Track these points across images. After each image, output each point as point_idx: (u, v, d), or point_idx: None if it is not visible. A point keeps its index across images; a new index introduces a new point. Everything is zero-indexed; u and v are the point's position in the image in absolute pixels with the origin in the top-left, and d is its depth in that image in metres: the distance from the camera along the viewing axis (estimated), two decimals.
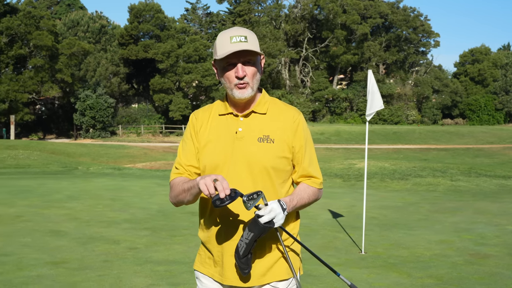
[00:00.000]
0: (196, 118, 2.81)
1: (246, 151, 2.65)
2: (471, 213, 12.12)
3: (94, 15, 75.47)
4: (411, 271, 7.32)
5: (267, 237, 2.63)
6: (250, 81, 2.64)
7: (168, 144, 51.51)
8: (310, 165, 2.75)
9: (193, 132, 2.78)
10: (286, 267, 2.71)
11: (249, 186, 2.61)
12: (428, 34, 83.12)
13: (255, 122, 2.71)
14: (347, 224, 10.74)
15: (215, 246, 2.71)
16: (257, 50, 2.63)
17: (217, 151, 2.69)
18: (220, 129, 2.73)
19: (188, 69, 63.73)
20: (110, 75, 66.11)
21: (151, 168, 28.27)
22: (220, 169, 2.64)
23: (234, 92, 2.64)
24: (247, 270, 2.58)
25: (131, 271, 7.11)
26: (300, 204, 2.68)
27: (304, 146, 2.73)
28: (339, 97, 76.05)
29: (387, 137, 57.60)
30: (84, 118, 58.25)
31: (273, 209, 2.49)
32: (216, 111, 2.79)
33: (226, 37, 2.63)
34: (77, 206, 12.37)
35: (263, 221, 2.48)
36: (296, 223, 2.80)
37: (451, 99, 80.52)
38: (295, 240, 2.72)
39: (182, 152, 2.80)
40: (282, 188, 2.71)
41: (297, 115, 2.76)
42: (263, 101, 2.76)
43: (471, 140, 57.36)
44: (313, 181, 2.76)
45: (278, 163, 2.67)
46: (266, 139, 2.67)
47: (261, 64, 2.74)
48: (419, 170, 19.92)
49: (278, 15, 75.66)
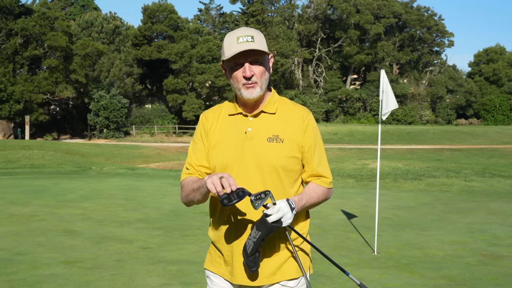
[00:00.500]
0: (206, 118, 2.83)
1: (256, 151, 2.66)
2: (484, 213, 12.06)
3: (108, 16, 75.92)
4: (423, 272, 7.29)
5: (276, 236, 2.64)
6: (259, 80, 2.64)
7: (181, 144, 51.64)
8: (319, 165, 2.75)
9: (203, 132, 2.80)
10: (296, 266, 2.72)
11: (258, 186, 2.62)
12: (442, 33, 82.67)
13: (264, 122, 2.72)
14: (360, 224, 10.72)
15: (225, 246, 2.72)
16: (264, 49, 2.63)
17: (227, 151, 2.70)
18: (230, 129, 2.74)
19: (201, 69, 63.83)
20: (123, 76, 66.39)
21: (164, 168, 28.37)
22: (230, 169, 2.65)
23: (242, 92, 2.65)
24: (254, 268, 2.59)
25: (144, 270, 7.15)
26: (309, 203, 2.68)
27: (313, 145, 2.73)
28: (352, 97, 75.85)
29: (400, 137, 57.38)
30: (98, 118, 58.52)
31: (281, 208, 2.50)
32: (226, 111, 2.80)
33: (233, 37, 2.63)
34: (90, 206, 12.45)
35: (271, 220, 2.48)
36: (305, 223, 2.81)
37: (465, 99, 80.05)
38: (304, 239, 2.72)
39: (193, 152, 2.82)
40: (291, 188, 2.72)
41: (307, 114, 2.76)
42: (273, 100, 2.77)
43: (485, 140, 56.98)
44: (323, 181, 2.76)
45: (288, 162, 2.67)
46: (275, 139, 2.67)
47: (270, 64, 2.75)
48: (432, 171, 19.83)
49: (291, 15, 75.60)
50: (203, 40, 66.18)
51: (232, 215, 2.69)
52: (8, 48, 55.55)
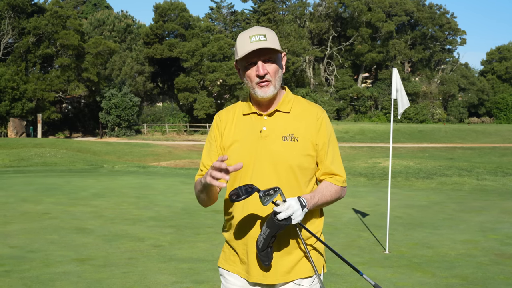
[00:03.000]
0: (220, 119, 2.84)
1: (271, 150, 2.67)
2: (497, 212, 11.98)
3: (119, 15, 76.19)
4: (435, 271, 7.26)
5: (291, 234, 2.65)
6: (272, 79, 2.65)
7: (192, 143, 51.71)
8: (333, 163, 2.75)
9: (217, 133, 2.81)
10: (310, 264, 2.72)
11: (273, 184, 2.62)
12: (455, 31, 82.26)
13: (279, 121, 2.72)
14: (371, 223, 10.69)
15: (239, 244, 2.73)
16: (277, 47, 2.64)
17: (242, 151, 2.71)
18: (245, 128, 2.75)
19: (213, 67, 63.88)
20: (135, 74, 66.61)
21: (176, 167, 28.42)
22: (245, 169, 2.65)
23: (256, 91, 2.66)
24: (267, 262, 2.60)
25: (156, 268, 7.17)
26: (322, 201, 2.68)
27: (327, 143, 2.74)
28: (363, 95, 75.66)
29: (412, 135, 57.16)
30: (110, 116, 58.74)
31: (291, 206, 2.49)
32: (240, 111, 2.81)
33: (245, 37, 2.65)
34: (102, 204, 12.51)
35: (281, 217, 2.48)
36: (320, 221, 2.80)
37: (477, 98, 79.62)
38: (317, 238, 2.72)
39: (207, 153, 2.84)
40: (306, 186, 2.72)
41: (321, 112, 2.77)
42: (287, 99, 2.77)
43: (498, 139, 56.63)
44: (336, 179, 2.75)
45: (303, 161, 2.68)
46: (290, 137, 2.68)
47: (283, 62, 2.75)
48: (444, 169, 19.73)
49: (302, 13, 75.50)
50: (214, 39, 66.22)
51: (245, 213, 2.69)
52: (21, 46, 55.88)
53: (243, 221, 2.71)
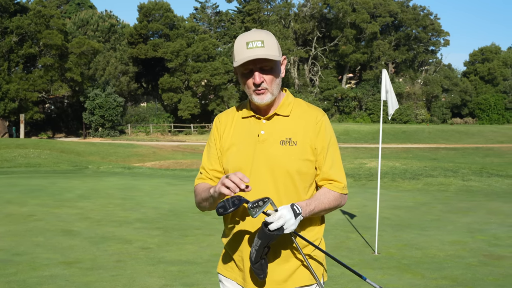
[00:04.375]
0: (219, 121, 2.78)
1: (268, 154, 2.60)
2: (483, 213, 12.04)
3: (103, 14, 75.69)
4: (425, 272, 7.27)
5: (287, 243, 2.59)
6: (269, 86, 2.58)
7: (177, 143, 51.56)
8: (332, 168, 2.67)
9: (217, 136, 2.76)
10: (309, 273, 2.66)
11: (271, 190, 2.56)
12: (438, 33, 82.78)
13: (277, 125, 2.66)
14: (360, 224, 10.69)
15: (236, 251, 2.68)
16: (274, 55, 2.55)
17: (240, 155, 2.65)
18: (243, 132, 2.69)
19: (197, 68, 63.73)
20: (119, 74, 66.23)
21: (161, 167, 28.30)
22: (243, 173, 2.59)
23: (253, 97, 2.60)
24: (262, 276, 2.53)
25: (144, 271, 7.10)
26: (319, 209, 2.59)
27: (326, 148, 2.66)
28: (348, 96, 75.91)
29: (396, 136, 57.43)
30: (93, 117, 58.41)
31: (283, 215, 2.40)
32: (239, 114, 2.75)
33: (242, 42, 2.55)
34: (88, 206, 12.39)
35: (272, 228, 2.39)
36: (320, 228, 2.73)
37: (460, 98, 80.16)
38: (315, 246, 2.63)
39: (206, 156, 2.78)
40: (306, 193, 2.64)
41: (321, 116, 2.69)
42: (287, 103, 2.71)
43: (480, 140, 57.07)
44: (335, 185, 2.67)
45: (302, 166, 2.60)
46: (288, 141, 2.61)
47: (282, 66, 2.67)
48: (430, 170, 19.82)
49: (287, 14, 75.56)
50: (199, 39, 66.05)
51: (243, 221, 2.63)
52: (3, 46, 55.33)
53: (241, 229, 2.65)
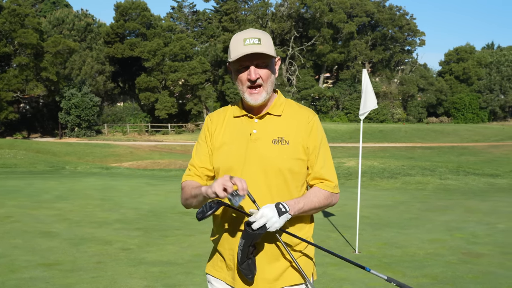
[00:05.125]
0: (211, 120, 2.79)
1: (261, 153, 2.61)
2: (461, 211, 12.17)
3: (79, 13, 74.94)
4: (406, 271, 7.32)
5: (276, 241, 2.59)
6: (264, 83, 2.60)
7: (154, 143, 51.30)
8: (323, 168, 2.69)
9: (207, 134, 2.76)
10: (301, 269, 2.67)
11: (263, 189, 2.57)
12: (414, 32, 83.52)
13: (270, 124, 2.67)
14: (340, 223, 10.73)
15: (226, 250, 2.67)
16: (271, 52, 2.59)
17: (231, 153, 2.65)
18: (235, 131, 2.69)
19: (174, 67, 63.49)
20: (95, 74, 65.67)
21: (138, 167, 28.13)
22: (234, 172, 2.60)
23: (246, 97, 2.61)
24: (250, 276, 2.54)
25: (125, 272, 7.04)
26: (308, 207, 2.60)
27: (318, 147, 2.68)
28: (325, 95, 76.20)
29: (373, 135, 57.81)
30: (69, 117, 57.84)
31: (264, 214, 2.42)
32: (231, 113, 2.76)
33: (239, 39, 2.59)
34: (66, 207, 12.26)
35: (254, 227, 2.41)
36: (310, 227, 2.75)
37: (436, 98, 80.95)
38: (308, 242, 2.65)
39: (196, 153, 2.78)
40: (298, 192, 2.66)
41: (312, 116, 2.71)
42: (279, 103, 2.72)
43: (456, 139, 57.72)
44: (326, 184, 2.68)
45: (293, 165, 2.61)
46: (280, 140, 2.62)
47: (276, 67, 2.71)
48: (408, 169, 19.99)
49: (264, 13, 75.60)
50: (176, 38, 65.80)
51: (231, 220, 2.63)
52: None
53: (229, 228, 2.65)
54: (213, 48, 73.47)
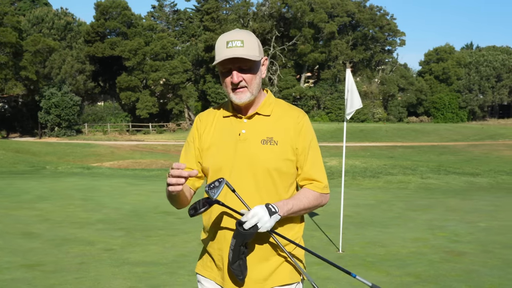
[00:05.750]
0: (200, 120, 2.77)
1: (249, 153, 2.59)
2: (443, 210, 12.27)
3: (59, 12, 74.21)
4: (389, 269, 7.35)
5: (268, 240, 2.59)
6: (248, 85, 2.58)
7: (135, 143, 51.01)
8: (312, 168, 2.68)
9: (196, 135, 2.74)
10: (289, 271, 2.66)
11: (251, 189, 2.56)
12: (394, 33, 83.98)
13: (259, 124, 2.65)
14: (323, 222, 10.76)
15: (216, 250, 2.65)
16: (253, 55, 2.54)
17: (220, 153, 2.63)
18: (224, 131, 2.68)
19: (156, 66, 63.19)
20: (75, 73, 65.11)
21: (119, 167, 27.96)
22: (223, 172, 2.58)
23: (231, 96, 2.60)
24: (241, 277, 2.52)
25: (109, 273, 6.99)
26: (297, 208, 2.59)
27: (307, 148, 2.67)
28: (306, 95, 76.37)
29: (354, 135, 58.03)
30: (49, 116, 57.29)
31: (256, 213, 2.41)
32: (220, 113, 2.74)
33: (223, 41, 2.56)
34: (48, 207, 12.14)
35: (246, 227, 2.40)
36: (300, 227, 2.75)
37: (416, 97, 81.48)
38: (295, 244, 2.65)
39: (184, 154, 2.76)
40: (286, 192, 2.64)
41: (302, 116, 2.70)
42: (268, 102, 2.71)
43: (436, 138, 58.13)
44: (315, 185, 2.68)
45: (282, 165, 2.60)
46: (269, 141, 2.60)
47: (263, 66, 2.68)
48: (389, 168, 20.11)
49: (246, 13, 75.55)
50: (157, 37, 65.49)
51: (221, 219, 2.62)
52: None
53: (219, 227, 2.63)
54: (194, 47, 73.30)
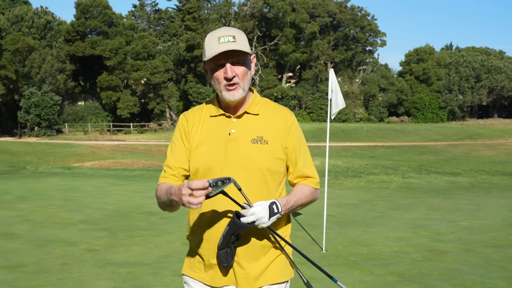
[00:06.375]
0: (186, 119, 2.73)
1: (240, 153, 2.59)
2: (424, 209, 12.36)
3: (39, 11, 73.50)
4: (372, 269, 7.39)
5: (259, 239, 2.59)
6: (241, 81, 2.57)
7: (116, 142, 50.70)
8: (305, 166, 2.71)
9: (183, 134, 2.70)
10: (280, 270, 2.67)
11: (243, 188, 2.53)
12: (375, 33, 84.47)
13: (248, 123, 2.65)
14: (306, 222, 10.78)
15: (206, 250, 2.63)
16: (246, 49, 2.56)
17: (210, 153, 2.61)
18: (213, 130, 2.66)
19: (137, 66, 62.88)
20: (55, 72, 64.53)
21: (101, 167, 27.78)
22: (214, 172, 2.57)
23: (223, 94, 2.58)
24: (225, 264, 2.53)
25: (92, 273, 6.94)
26: (297, 204, 2.64)
27: (298, 146, 2.69)
28: (288, 95, 76.50)
29: (335, 134, 58.24)
30: (29, 116, 56.75)
31: (255, 213, 2.43)
32: (207, 112, 2.72)
33: (214, 37, 2.55)
34: (28, 207, 12.02)
35: (242, 221, 2.42)
36: (287, 226, 2.76)
37: (397, 98, 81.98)
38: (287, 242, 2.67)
39: (171, 153, 2.72)
40: (276, 190, 2.65)
41: (290, 115, 2.71)
42: (255, 101, 2.71)
43: (416, 138, 58.53)
44: (310, 181, 2.72)
45: (273, 164, 2.61)
46: (260, 140, 2.61)
47: (252, 64, 2.68)
48: (371, 168, 20.21)
49: (227, 12, 75.47)
50: (138, 37, 65.16)
51: (213, 219, 2.60)
52: None
53: (210, 226, 2.61)
54: (175, 47, 73.04)
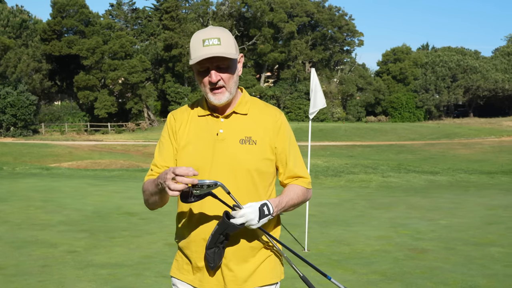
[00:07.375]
0: (174, 119, 2.69)
1: (228, 153, 2.55)
2: (404, 208, 12.45)
3: (14, 9, 72.59)
4: (355, 268, 7.41)
5: (248, 241, 2.56)
6: (226, 85, 2.53)
7: (93, 143, 50.29)
8: (296, 166, 2.68)
9: (171, 133, 2.66)
10: (269, 271, 2.64)
11: (231, 189, 2.49)
12: (353, 33, 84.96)
13: (236, 123, 2.61)
14: (287, 222, 10.75)
15: (194, 252, 2.59)
16: (231, 53, 2.50)
17: (198, 153, 2.57)
18: (200, 130, 2.62)
19: (114, 65, 62.45)
20: (31, 72, 63.80)
21: (78, 168, 27.53)
22: (202, 172, 2.51)
23: (209, 97, 2.54)
24: (212, 264, 2.50)
25: (73, 275, 6.86)
26: (289, 205, 2.61)
27: (288, 147, 2.65)
28: (266, 94, 76.61)
29: (313, 134, 58.03)
30: (5, 116, 56.06)
31: (245, 215, 2.40)
32: (195, 112, 2.67)
33: (198, 39, 2.50)
34: (6, 209, 11.85)
35: (235, 222, 2.39)
36: (277, 228, 2.73)
37: (374, 97, 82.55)
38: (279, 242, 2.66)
39: (159, 153, 2.67)
40: (266, 191, 2.62)
41: (279, 115, 2.67)
42: (244, 101, 2.66)
43: (393, 137, 58.97)
44: (302, 181, 2.69)
45: (262, 165, 2.58)
46: (248, 140, 2.57)
47: (239, 64, 2.63)
48: (351, 167, 20.31)
49: (205, 12, 75.34)
50: (115, 36, 64.72)
51: (202, 220, 2.56)
52: None
53: (199, 228, 2.57)
54: (153, 46, 72.71)
